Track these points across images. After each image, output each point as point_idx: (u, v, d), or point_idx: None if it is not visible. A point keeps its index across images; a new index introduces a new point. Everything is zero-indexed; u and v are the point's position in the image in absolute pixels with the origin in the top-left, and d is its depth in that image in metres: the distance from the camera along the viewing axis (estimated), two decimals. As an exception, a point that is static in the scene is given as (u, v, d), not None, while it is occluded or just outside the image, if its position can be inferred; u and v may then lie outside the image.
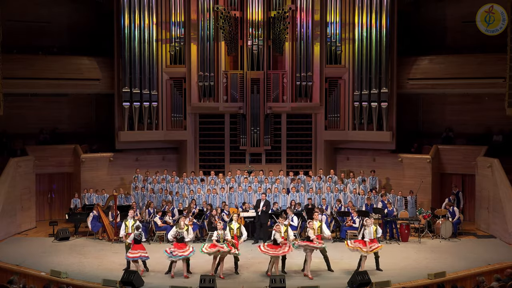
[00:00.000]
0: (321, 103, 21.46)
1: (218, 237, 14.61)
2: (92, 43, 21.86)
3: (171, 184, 19.87)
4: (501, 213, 17.83)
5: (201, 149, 21.91)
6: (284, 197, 18.90)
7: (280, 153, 21.69)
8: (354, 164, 21.73)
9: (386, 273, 14.60)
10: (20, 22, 20.86)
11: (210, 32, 21.23)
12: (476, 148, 19.95)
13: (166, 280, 14.22)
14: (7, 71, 18.89)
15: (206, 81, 21.23)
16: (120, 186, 20.53)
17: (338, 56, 21.39)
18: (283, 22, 20.84)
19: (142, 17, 20.93)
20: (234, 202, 18.93)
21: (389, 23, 20.59)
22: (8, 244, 17.56)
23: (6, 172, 18.36)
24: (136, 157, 21.62)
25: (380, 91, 20.74)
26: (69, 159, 20.98)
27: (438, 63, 20.78)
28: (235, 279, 14.46)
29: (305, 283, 13.83)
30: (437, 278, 13.90)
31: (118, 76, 21.08)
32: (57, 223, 18.72)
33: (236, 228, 14.83)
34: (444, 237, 17.89)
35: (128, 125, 20.99)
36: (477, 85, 20.12)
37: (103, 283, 13.76)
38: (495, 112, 19.98)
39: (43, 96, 21.61)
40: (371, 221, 14.98)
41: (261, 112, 21.30)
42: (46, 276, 14.35)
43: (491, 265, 15.14)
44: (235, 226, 14.86)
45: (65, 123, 22.04)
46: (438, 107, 21.83)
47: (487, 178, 18.62)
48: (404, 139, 21.42)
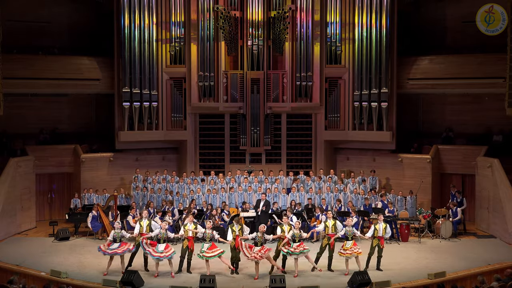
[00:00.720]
0: (321, 103, 21.46)
1: (205, 235, 14.66)
2: (92, 43, 21.86)
3: (171, 184, 19.87)
4: (501, 213, 17.83)
5: (201, 149, 21.91)
6: (284, 197, 18.90)
7: (280, 153, 21.69)
8: (354, 164, 21.73)
9: (386, 273, 14.61)
10: (20, 22, 20.86)
11: (210, 32, 21.23)
12: (476, 148, 19.95)
13: (166, 280, 14.21)
14: (7, 71, 18.89)
15: (206, 81, 21.23)
16: (120, 186, 20.53)
17: (338, 56, 21.39)
18: (283, 22, 20.84)
19: (142, 17, 20.93)
20: (234, 202, 18.93)
21: (389, 23, 20.60)
22: (8, 244, 17.56)
23: (6, 172, 18.36)
24: (136, 157, 21.62)
25: (380, 91, 20.74)
26: (69, 159, 20.98)
27: (438, 63, 20.79)
28: (235, 279, 14.45)
29: (305, 283, 13.83)
30: (437, 278, 13.91)
31: (118, 76, 21.09)
32: (57, 223, 18.72)
33: (238, 229, 14.83)
34: (444, 237, 17.89)
35: (128, 125, 20.99)
36: (477, 85, 20.12)
37: (103, 283, 13.77)
38: (495, 112, 19.98)
39: (43, 96, 21.61)
40: (381, 217, 15.12)
41: (261, 112, 21.31)
42: (46, 276, 14.35)
43: (491, 265, 15.14)
44: (236, 228, 14.85)
45: (65, 123, 22.04)
46: (438, 107, 21.83)
47: (487, 178, 18.62)
48: (404, 139, 21.43)
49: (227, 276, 14.61)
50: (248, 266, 15.17)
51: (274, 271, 14.70)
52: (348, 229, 14.88)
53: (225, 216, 18.02)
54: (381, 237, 14.90)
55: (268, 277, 13.96)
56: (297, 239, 14.52)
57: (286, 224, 14.92)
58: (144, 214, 15.45)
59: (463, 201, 18.82)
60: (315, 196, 18.89)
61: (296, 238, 14.52)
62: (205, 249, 14.57)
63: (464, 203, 18.81)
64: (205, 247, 14.60)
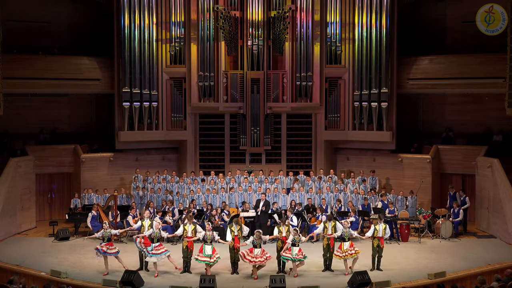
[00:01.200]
0: (321, 103, 21.46)
1: (206, 237, 14.61)
2: (92, 43, 21.86)
3: (171, 184, 19.87)
4: (501, 213, 17.83)
5: (201, 149, 21.91)
6: (284, 197, 18.90)
7: (280, 153, 21.69)
8: (354, 164, 21.73)
9: (386, 273, 14.62)
10: (20, 22, 20.86)
11: (210, 32, 21.23)
12: (476, 148, 19.95)
13: (166, 280, 14.22)
14: (7, 71, 18.89)
15: (206, 81, 21.23)
16: (120, 186, 20.54)
17: (338, 56, 21.39)
18: (283, 22, 20.84)
19: (142, 17, 20.93)
20: (234, 202, 18.92)
21: (389, 23, 20.60)
22: (8, 244, 17.56)
23: (6, 172, 18.36)
24: (136, 157, 21.62)
25: (380, 91, 20.74)
26: (69, 159, 20.98)
27: (438, 63, 20.79)
28: (235, 279, 14.45)
29: (305, 283, 13.83)
30: (437, 278, 13.91)
31: (118, 76, 21.08)
32: (57, 223, 18.72)
33: (237, 230, 14.82)
34: (444, 237, 17.89)
35: (128, 125, 20.99)
36: (477, 85, 20.12)
37: (103, 283, 13.77)
38: (495, 112, 19.99)
39: (43, 96, 21.61)
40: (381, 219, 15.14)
41: (261, 112, 21.31)
42: (46, 276, 14.36)
43: (491, 265, 15.15)
44: (235, 228, 14.84)
45: (65, 123, 22.04)
46: (438, 107, 21.83)
47: (487, 178, 18.62)
48: (404, 139, 21.43)
49: (227, 276, 14.60)
50: (248, 266, 15.15)
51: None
52: (345, 230, 14.88)
53: (225, 216, 18.02)
54: (381, 237, 14.92)
55: (268, 277, 13.95)
56: (297, 243, 14.48)
57: (284, 225, 14.94)
58: (146, 214, 15.48)
59: (465, 200, 18.80)
60: (315, 196, 18.89)
61: (296, 242, 14.49)
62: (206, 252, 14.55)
63: (467, 201, 18.79)
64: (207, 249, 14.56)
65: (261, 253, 14.35)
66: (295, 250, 14.38)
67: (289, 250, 14.43)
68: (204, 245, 14.59)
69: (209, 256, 14.38)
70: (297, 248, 14.42)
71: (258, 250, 14.36)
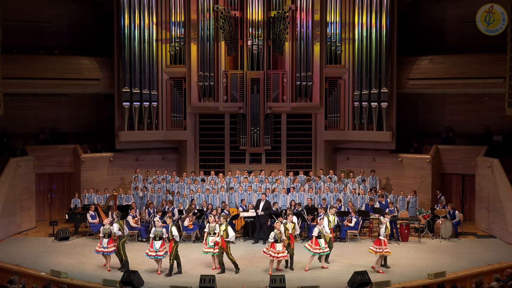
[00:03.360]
0: (321, 103, 21.46)
1: (209, 229, 14.90)
2: (92, 43, 21.87)
3: (171, 184, 19.87)
4: (501, 213, 17.84)
5: (201, 149, 21.91)
6: (284, 197, 18.90)
7: (280, 153, 21.69)
8: (354, 164, 21.73)
9: (386, 273, 14.63)
10: (20, 22, 20.86)
11: (210, 32, 21.23)
12: (476, 148, 19.95)
13: (166, 280, 14.23)
14: (7, 71, 18.89)
15: (206, 81, 21.23)
16: (120, 186, 20.54)
17: (338, 56, 21.39)
18: (283, 22, 20.83)
19: (142, 17, 20.94)
20: (234, 202, 18.93)
21: (389, 23, 20.60)
22: (8, 244, 17.56)
23: (6, 172, 18.36)
24: (136, 157, 21.63)
25: (380, 91, 20.74)
26: (69, 159, 20.98)
27: (438, 63, 20.80)
28: (235, 279, 14.45)
29: (305, 283, 13.83)
30: (437, 278, 13.91)
31: (118, 76, 21.09)
32: (57, 223, 18.71)
33: (222, 230, 14.86)
34: (444, 237, 17.89)
35: (128, 125, 20.99)
36: (477, 85, 20.13)
37: (103, 283, 13.78)
38: (495, 112, 19.99)
39: (43, 96, 21.61)
40: (386, 219, 15.19)
41: (261, 112, 21.31)
42: (46, 276, 14.37)
43: (491, 265, 15.15)
44: (221, 228, 14.88)
45: (65, 123, 22.03)
46: (438, 107, 21.83)
47: (487, 178, 18.62)
48: (404, 139, 21.43)
49: (227, 276, 14.60)
50: (248, 266, 15.18)
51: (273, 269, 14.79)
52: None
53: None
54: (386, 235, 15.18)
55: (268, 277, 13.96)
56: (322, 235, 14.80)
57: (290, 222, 15.15)
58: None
59: (441, 198, 18.92)
60: (315, 196, 18.89)
61: (322, 235, 14.83)
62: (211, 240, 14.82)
63: (443, 200, 18.90)
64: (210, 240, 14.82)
65: (283, 249, 14.53)
66: (322, 242, 14.74)
67: (315, 244, 14.72)
68: (208, 237, 14.89)
69: (213, 247, 14.77)
70: (323, 240, 14.75)
71: (280, 245, 14.50)
